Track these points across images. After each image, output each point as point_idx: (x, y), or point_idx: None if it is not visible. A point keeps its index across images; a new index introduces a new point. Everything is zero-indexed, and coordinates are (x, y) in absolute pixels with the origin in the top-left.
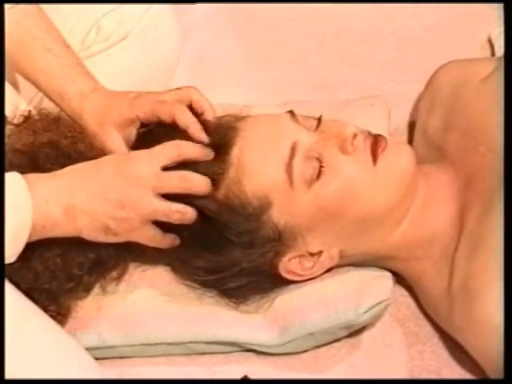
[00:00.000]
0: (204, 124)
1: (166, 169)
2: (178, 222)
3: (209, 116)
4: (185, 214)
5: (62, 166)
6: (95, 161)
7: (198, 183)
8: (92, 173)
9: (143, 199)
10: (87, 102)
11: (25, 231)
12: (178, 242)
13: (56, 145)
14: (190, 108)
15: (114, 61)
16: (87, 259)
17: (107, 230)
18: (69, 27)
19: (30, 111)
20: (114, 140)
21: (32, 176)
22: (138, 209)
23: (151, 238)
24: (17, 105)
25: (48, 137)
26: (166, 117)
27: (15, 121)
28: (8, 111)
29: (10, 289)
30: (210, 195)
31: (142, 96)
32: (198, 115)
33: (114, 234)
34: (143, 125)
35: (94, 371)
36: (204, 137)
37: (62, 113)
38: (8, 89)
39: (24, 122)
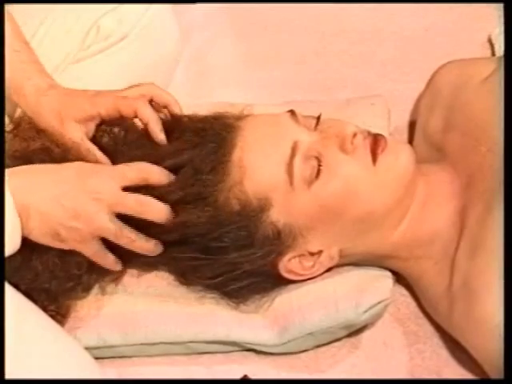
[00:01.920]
0: (173, 119)
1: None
2: (127, 247)
3: (175, 109)
4: (134, 241)
5: None
6: (59, 165)
7: (154, 210)
8: (53, 176)
9: (97, 214)
10: (44, 98)
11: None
12: (119, 266)
13: (49, 152)
14: (152, 104)
15: (114, 61)
16: (85, 258)
17: (55, 235)
18: (68, 27)
19: (21, 118)
20: (75, 133)
21: None
22: (90, 222)
23: (94, 253)
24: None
25: (40, 143)
26: (127, 112)
27: (7, 128)
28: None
29: (9, 289)
30: (212, 201)
31: (102, 93)
32: (159, 110)
33: (60, 241)
34: (102, 122)
35: (94, 371)
36: (162, 137)
37: None
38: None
39: (14, 128)
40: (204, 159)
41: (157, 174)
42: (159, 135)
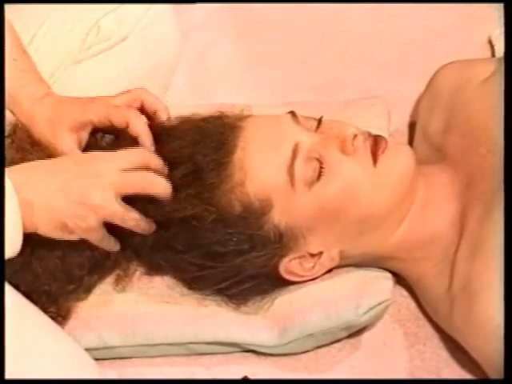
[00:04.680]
0: (160, 126)
1: None
2: (134, 229)
3: (162, 116)
4: (139, 221)
5: None
6: (55, 159)
7: (158, 185)
8: (53, 169)
9: (103, 200)
10: (39, 106)
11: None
12: (117, 246)
13: None
14: (142, 109)
15: (114, 61)
16: (87, 259)
17: (64, 227)
18: (69, 27)
19: (16, 125)
20: (67, 142)
21: None
22: (97, 209)
23: (101, 239)
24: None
25: (36, 156)
26: (119, 122)
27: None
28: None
29: (9, 290)
30: (210, 202)
31: (94, 100)
32: (150, 116)
33: (69, 232)
34: (95, 129)
35: (93, 372)
36: (152, 149)
37: None
38: None
39: (10, 135)
40: (205, 158)
41: (156, 159)
42: (150, 149)
